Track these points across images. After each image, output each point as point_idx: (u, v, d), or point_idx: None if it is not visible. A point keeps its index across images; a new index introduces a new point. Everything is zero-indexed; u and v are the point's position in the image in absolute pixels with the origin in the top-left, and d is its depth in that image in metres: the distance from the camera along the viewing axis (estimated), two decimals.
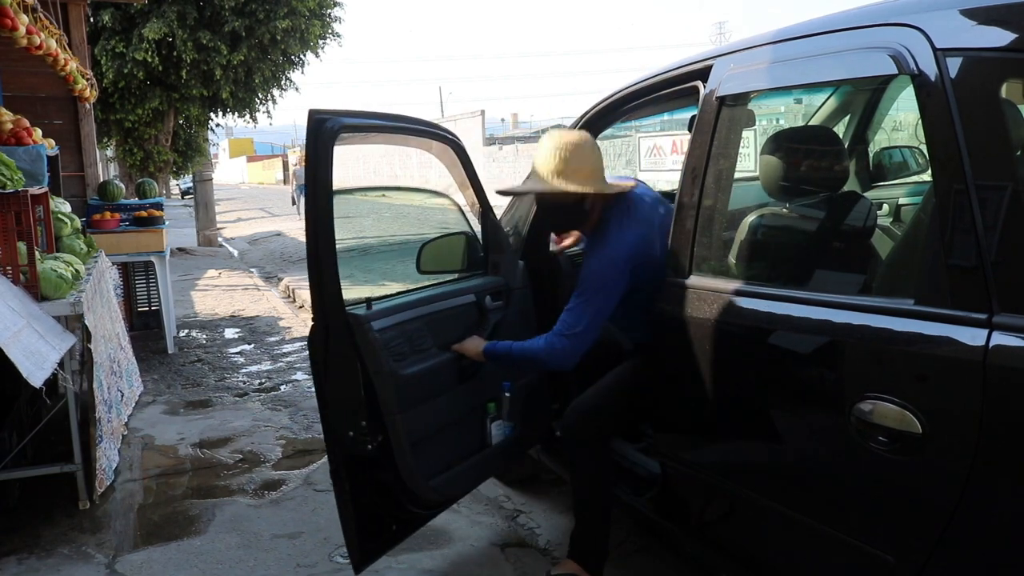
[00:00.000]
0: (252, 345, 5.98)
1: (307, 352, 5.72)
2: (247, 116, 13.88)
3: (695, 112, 2.05)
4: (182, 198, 33.05)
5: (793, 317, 1.64)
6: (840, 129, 2.98)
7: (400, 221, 18.02)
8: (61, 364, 3.96)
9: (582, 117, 2.59)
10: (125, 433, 3.86)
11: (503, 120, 51.70)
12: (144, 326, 6.34)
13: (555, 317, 2.23)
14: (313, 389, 4.69)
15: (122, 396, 3.85)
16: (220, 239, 13.85)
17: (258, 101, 13.70)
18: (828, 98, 2.91)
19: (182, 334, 6.32)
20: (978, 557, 1.32)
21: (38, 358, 2.52)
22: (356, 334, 2.12)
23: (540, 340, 2.21)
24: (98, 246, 4.37)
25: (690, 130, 2.09)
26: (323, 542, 2.78)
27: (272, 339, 6.16)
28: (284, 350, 5.78)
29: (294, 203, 20.35)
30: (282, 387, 4.80)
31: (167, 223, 5.85)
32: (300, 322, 6.84)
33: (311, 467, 3.48)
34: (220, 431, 3.99)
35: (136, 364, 4.67)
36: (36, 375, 2.44)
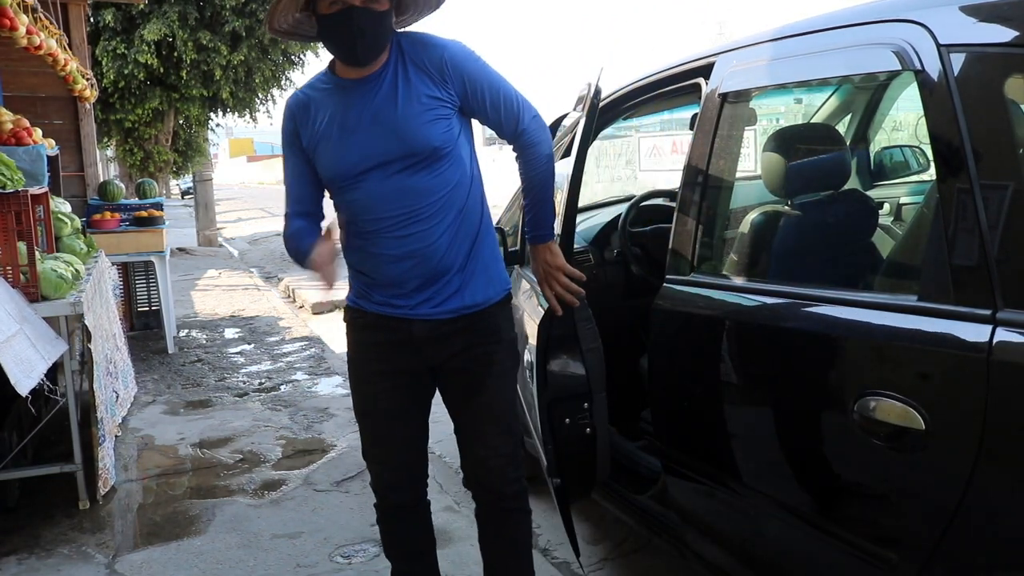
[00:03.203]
0: (252, 345, 5.98)
1: (307, 352, 5.74)
2: (247, 116, 13.90)
3: (696, 110, 2.05)
4: (182, 198, 33.03)
5: (796, 314, 1.63)
6: (841, 128, 2.97)
7: None
8: (51, 371, 3.97)
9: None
10: (119, 434, 3.85)
11: None
12: (144, 326, 6.33)
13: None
14: (313, 389, 4.71)
15: (117, 397, 3.84)
16: (220, 239, 13.85)
17: (258, 101, 13.72)
18: (830, 96, 2.91)
19: (182, 334, 6.32)
20: (981, 554, 1.31)
21: (27, 366, 2.53)
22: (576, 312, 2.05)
23: (541, 157, 1.86)
24: (98, 246, 4.36)
25: (692, 128, 2.08)
26: (323, 542, 2.77)
27: (272, 339, 6.16)
28: (284, 350, 5.78)
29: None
30: (282, 387, 4.80)
31: (167, 223, 5.84)
32: (300, 322, 6.84)
33: (311, 467, 3.48)
34: (220, 431, 3.99)
35: (131, 365, 4.66)
36: (23, 383, 2.46)
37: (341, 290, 1.91)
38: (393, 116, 1.72)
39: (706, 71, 2.02)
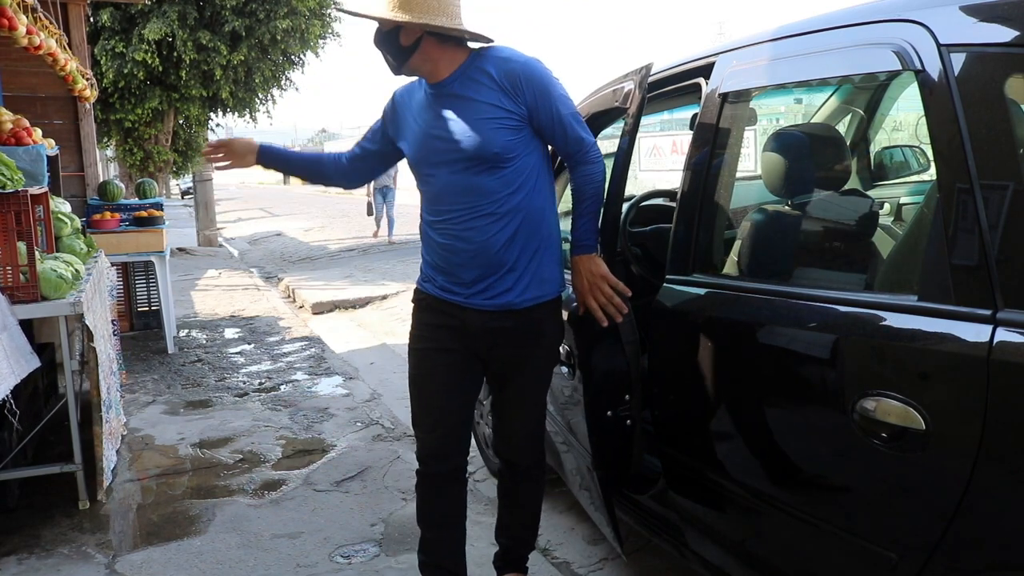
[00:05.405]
0: (252, 345, 5.98)
1: (307, 352, 5.74)
2: (247, 116, 13.89)
3: (696, 110, 2.05)
4: (182, 198, 33.02)
5: (796, 314, 1.63)
6: (841, 128, 2.97)
7: None
8: (51, 371, 3.94)
9: None
10: (124, 433, 3.85)
11: None
12: (144, 326, 6.33)
13: None
14: (313, 389, 4.71)
15: (122, 397, 3.84)
16: (220, 239, 13.85)
17: (258, 101, 13.72)
18: (830, 96, 2.91)
19: (182, 334, 6.32)
20: (981, 554, 1.32)
21: None
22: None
23: (596, 174, 2.02)
24: (98, 246, 4.36)
25: (692, 128, 2.08)
26: (323, 542, 2.77)
27: (272, 339, 6.16)
28: (284, 350, 5.78)
29: (371, 213, 14.16)
30: (282, 387, 4.80)
31: (167, 223, 5.84)
32: (300, 322, 6.84)
33: (311, 467, 3.48)
34: (220, 431, 3.99)
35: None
36: None
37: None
38: (460, 120, 1.91)
39: (706, 71, 2.02)
